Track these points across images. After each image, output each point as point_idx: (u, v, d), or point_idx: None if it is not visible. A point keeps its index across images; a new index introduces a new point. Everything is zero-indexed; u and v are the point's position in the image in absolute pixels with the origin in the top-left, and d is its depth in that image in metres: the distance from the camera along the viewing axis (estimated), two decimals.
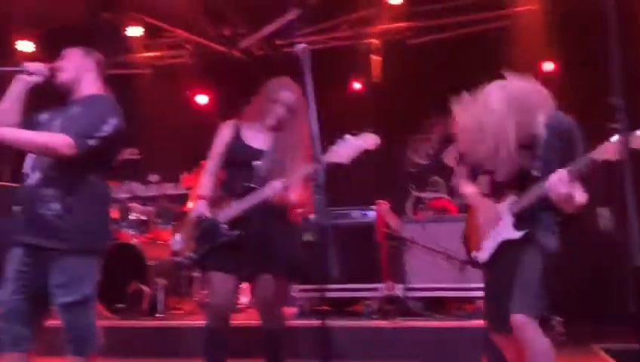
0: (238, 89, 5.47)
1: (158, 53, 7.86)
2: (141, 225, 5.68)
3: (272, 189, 2.89)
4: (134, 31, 7.23)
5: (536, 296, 2.43)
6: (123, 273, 5.05)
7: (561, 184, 2.31)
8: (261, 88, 3.18)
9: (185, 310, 5.40)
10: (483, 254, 2.68)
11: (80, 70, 2.79)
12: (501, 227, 2.60)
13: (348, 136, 2.82)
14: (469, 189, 2.77)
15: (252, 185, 2.98)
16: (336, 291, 4.62)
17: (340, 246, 4.46)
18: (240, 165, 3.08)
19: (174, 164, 6.68)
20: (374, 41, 7.21)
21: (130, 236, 5.51)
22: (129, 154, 5.49)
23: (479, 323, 3.74)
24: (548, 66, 6.41)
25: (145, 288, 5.07)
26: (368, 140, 2.84)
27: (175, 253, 3.10)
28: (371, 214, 4.80)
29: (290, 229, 3.14)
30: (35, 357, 2.66)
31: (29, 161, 2.70)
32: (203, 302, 5.11)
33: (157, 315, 5.03)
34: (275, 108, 3.08)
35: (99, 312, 2.75)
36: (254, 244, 2.97)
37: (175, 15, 6.90)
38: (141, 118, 6.29)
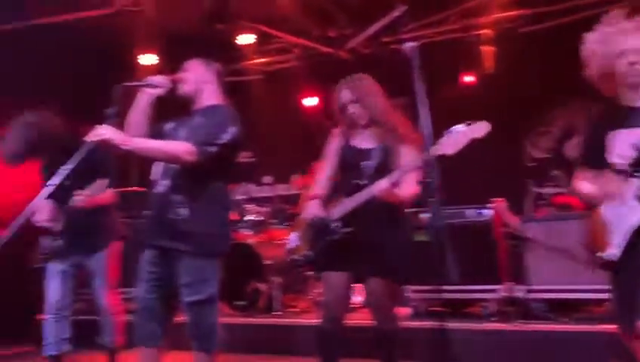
0: None
1: (267, 59, 8.10)
2: (257, 226, 5.88)
3: (377, 188, 2.83)
4: (245, 39, 7.49)
5: None
6: (242, 271, 5.25)
7: None
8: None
9: (300, 307, 5.50)
10: (613, 250, 2.42)
11: (200, 81, 2.93)
12: (630, 215, 2.37)
13: (456, 127, 2.67)
14: (588, 176, 2.53)
15: (360, 183, 2.96)
16: (452, 292, 4.50)
17: (455, 246, 4.32)
18: (351, 168, 3.08)
19: (286, 165, 6.84)
20: (485, 31, 6.95)
21: (247, 236, 5.73)
22: (244, 157, 5.69)
23: (608, 327, 3.49)
24: None
25: (262, 286, 5.25)
26: (477, 129, 2.64)
27: (290, 251, 3.15)
28: (487, 213, 4.62)
29: (401, 228, 3.07)
30: (163, 351, 2.84)
31: (158, 168, 2.89)
32: (318, 300, 5.19)
33: (273, 313, 5.18)
34: (349, 113, 3.04)
35: (220, 309, 2.88)
36: (365, 244, 2.95)
37: (283, 20, 7.06)
38: (254, 122, 6.51)
